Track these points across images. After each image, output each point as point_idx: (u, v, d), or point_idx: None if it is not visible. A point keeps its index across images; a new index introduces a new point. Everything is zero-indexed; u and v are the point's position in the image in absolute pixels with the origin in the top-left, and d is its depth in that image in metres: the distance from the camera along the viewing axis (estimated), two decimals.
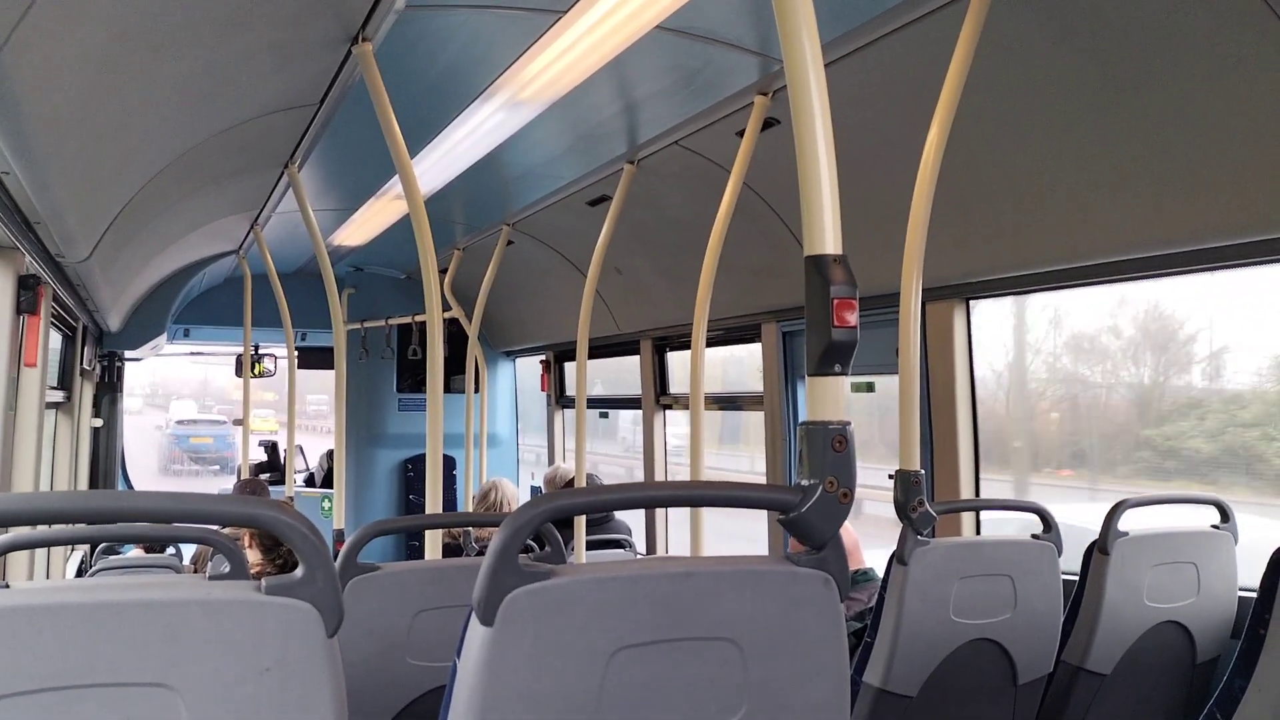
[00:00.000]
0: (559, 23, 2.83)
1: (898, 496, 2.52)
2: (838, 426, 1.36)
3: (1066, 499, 5.34)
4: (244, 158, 3.94)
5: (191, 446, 26.58)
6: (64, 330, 5.16)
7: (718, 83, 3.30)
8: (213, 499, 1.20)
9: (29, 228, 2.93)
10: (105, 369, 6.93)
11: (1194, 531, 2.77)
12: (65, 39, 1.92)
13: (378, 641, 2.16)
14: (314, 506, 7.88)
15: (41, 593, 1.09)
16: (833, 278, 1.36)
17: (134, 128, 2.76)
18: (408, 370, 8.27)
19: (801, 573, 1.36)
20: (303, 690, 1.14)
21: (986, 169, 3.10)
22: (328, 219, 5.70)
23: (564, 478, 5.81)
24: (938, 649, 2.51)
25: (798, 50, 1.40)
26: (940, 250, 3.04)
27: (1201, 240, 2.67)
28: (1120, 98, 2.61)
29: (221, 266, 6.96)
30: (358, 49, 2.81)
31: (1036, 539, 2.65)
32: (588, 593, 1.27)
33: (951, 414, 3.61)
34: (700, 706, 1.32)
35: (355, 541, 2.15)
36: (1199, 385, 4.76)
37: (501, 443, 8.26)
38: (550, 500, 1.31)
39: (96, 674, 1.07)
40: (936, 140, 2.58)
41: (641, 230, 4.90)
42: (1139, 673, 2.71)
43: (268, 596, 1.14)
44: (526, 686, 1.23)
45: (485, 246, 5.97)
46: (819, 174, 1.38)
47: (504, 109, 3.56)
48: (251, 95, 3.11)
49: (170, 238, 5.00)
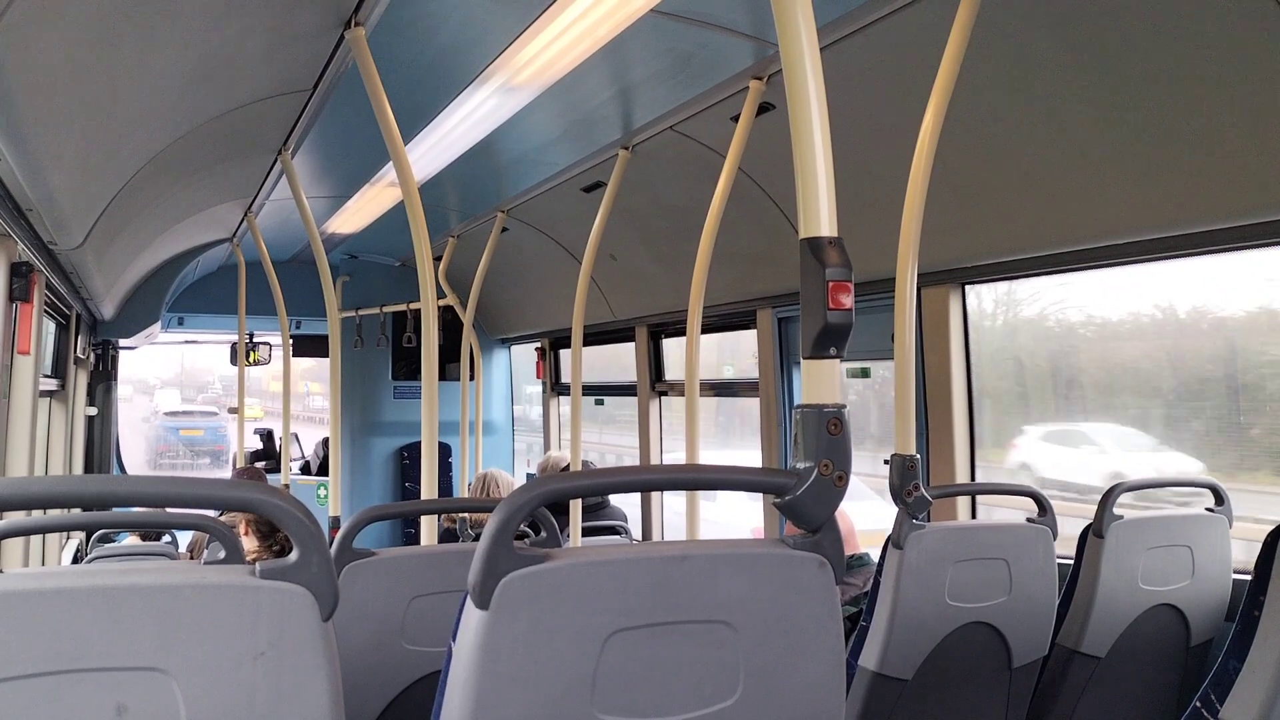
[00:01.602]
0: (553, 6, 2.82)
1: (893, 481, 2.53)
2: (833, 409, 1.36)
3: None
4: (237, 144, 3.92)
5: (182, 439, 25.23)
6: (58, 319, 5.14)
7: (713, 67, 3.29)
8: (207, 483, 1.19)
9: (21, 215, 2.91)
10: (99, 357, 6.92)
11: (1189, 515, 2.79)
12: (57, 24, 1.90)
13: (373, 627, 2.16)
14: (310, 494, 7.89)
15: (35, 577, 1.09)
16: (828, 260, 1.36)
17: (127, 114, 2.74)
18: (403, 358, 8.27)
19: (797, 555, 1.36)
20: (297, 674, 1.14)
21: (982, 153, 3.10)
22: (321, 206, 5.69)
23: (557, 465, 5.81)
24: (933, 633, 2.51)
25: (793, 34, 1.40)
26: (936, 235, 3.04)
27: (1199, 223, 2.67)
28: (1115, 81, 2.61)
29: (215, 254, 6.94)
30: (351, 34, 2.80)
31: (1032, 522, 2.66)
32: (583, 576, 1.27)
33: (947, 399, 3.62)
34: (695, 689, 1.32)
35: (351, 527, 2.15)
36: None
37: (497, 430, 8.26)
38: (545, 484, 1.31)
39: (90, 658, 1.07)
40: (932, 124, 2.58)
41: (637, 216, 4.89)
42: (1133, 656, 2.72)
43: (262, 581, 1.14)
44: (521, 670, 1.23)
45: (480, 233, 5.95)
46: (814, 157, 1.38)
47: (498, 94, 3.55)
48: (244, 81, 3.09)
49: (164, 225, 4.98)
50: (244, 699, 1.12)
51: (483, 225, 5.92)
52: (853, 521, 3.49)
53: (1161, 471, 3.77)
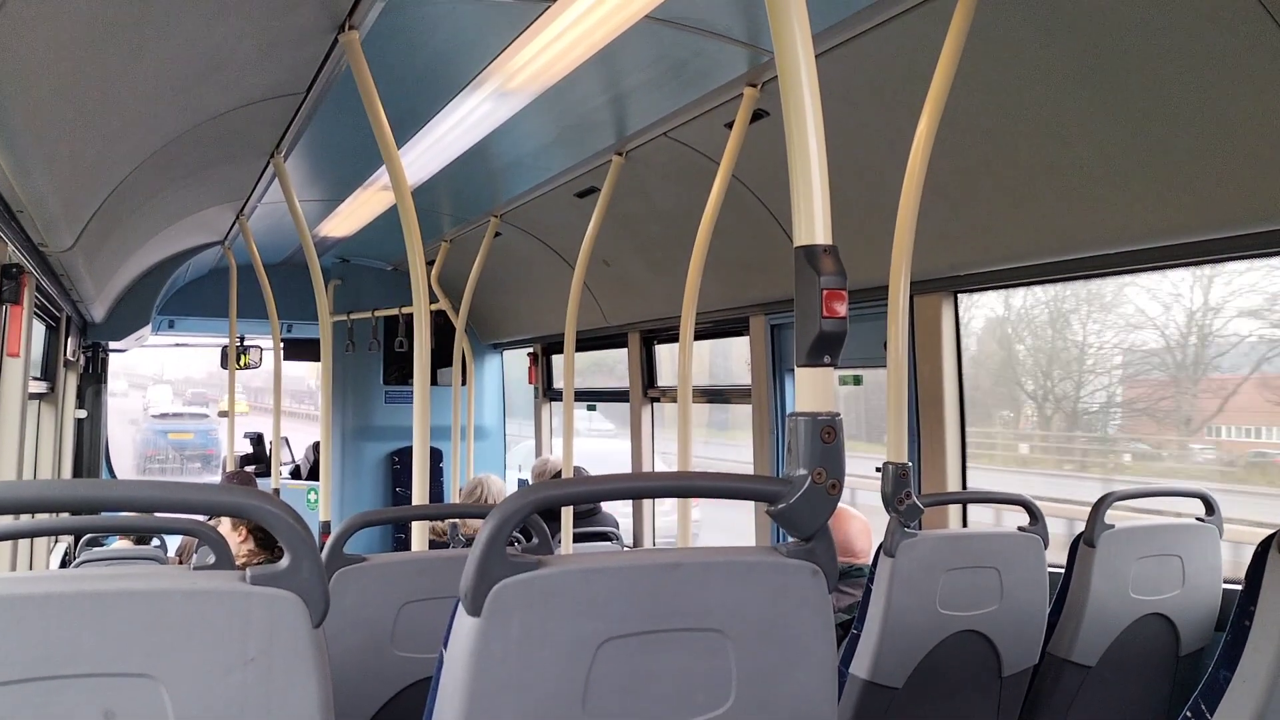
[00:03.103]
0: (547, 11, 2.82)
1: (885, 489, 2.53)
2: (826, 417, 1.36)
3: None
4: (229, 147, 3.91)
5: (171, 443, 23.81)
6: (47, 321, 5.12)
7: (707, 74, 3.29)
8: (197, 488, 1.18)
9: (11, 216, 2.90)
10: (89, 360, 6.88)
11: (1179, 524, 2.79)
12: (47, 25, 1.89)
13: (364, 633, 2.15)
14: (300, 499, 7.85)
15: (23, 582, 1.08)
16: (823, 268, 1.36)
17: (118, 116, 2.73)
18: (394, 362, 8.24)
19: (790, 563, 1.36)
20: (288, 680, 1.13)
21: (976, 162, 3.10)
22: (314, 210, 5.67)
23: (552, 470, 5.80)
24: (924, 641, 2.51)
25: (788, 41, 1.40)
26: (929, 243, 3.05)
27: (1192, 233, 2.68)
28: (1109, 91, 2.62)
29: (207, 257, 6.91)
30: (344, 37, 2.79)
31: (1023, 531, 2.66)
32: (575, 583, 1.26)
33: (939, 407, 3.62)
34: (687, 697, 1.31)
35: (341, 532, 2.14)
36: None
37: (489, 435, 8.25)
38: (537, 491, 1.31)
39: (79, 664, 1.06)
40: (926, 132, 2.58)
41: (630, 222, 4.88)
42: (1124, 665, 2.72)
43: (252, 586, 1.14)
44: (513, 677, 1.23)
45: (473, 238, 5.94)
46: (809, 164, 1.38)
47: (492, 99, 3.54)
48: (237, 84, 3.08)
49: (155, 227, 4.96)
50: (233, 705, 1.11)
51: (476, 230, 5.91)
52: (866, 521, 3.45)
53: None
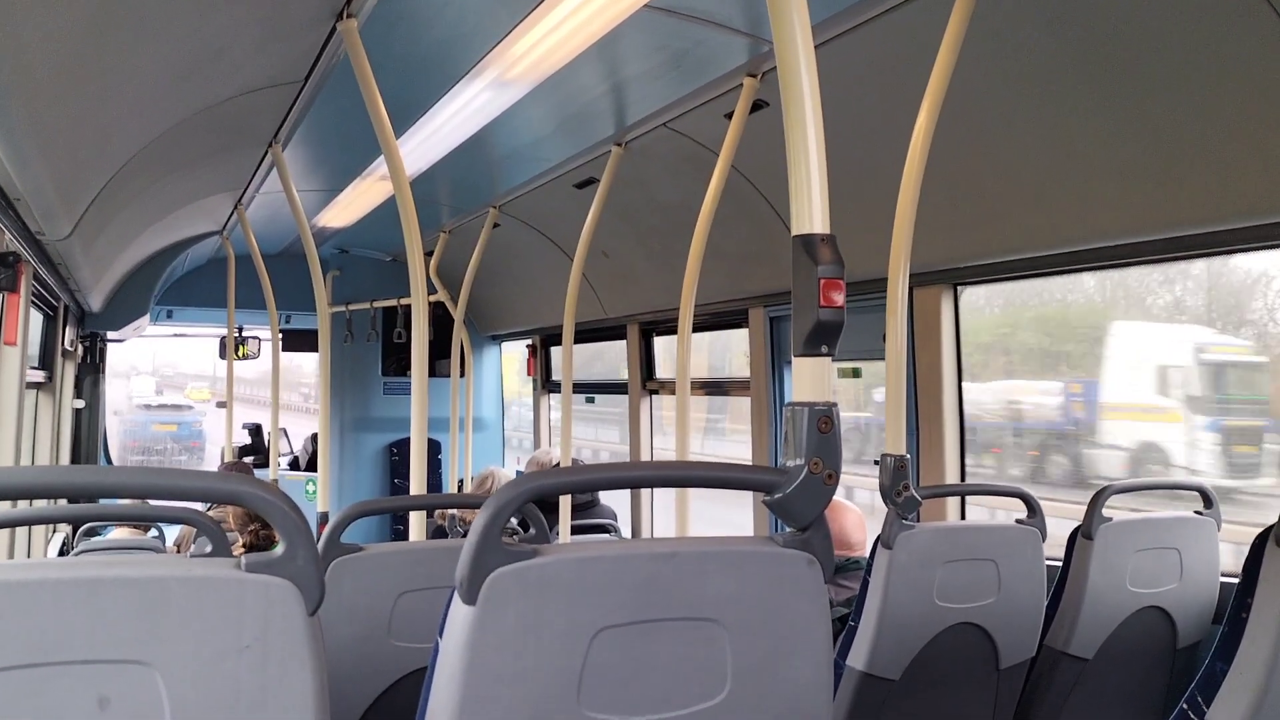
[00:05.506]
0: (547, 0, 2.81)
1: (883, 481, 2.52)
2: (823, 407, 1.36)
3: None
4: (227, 136, 3.90)
5: (153, 435, 22.92)
6: (45, 310, 5.12)
7: (707, 64, 3.28)
8: (194, 475, 1.18)
9: (8, 204, 2.89)
10: (87, 350, 6.87)
11: (1177, 517, 2.79)
12: (46, 13, 1.89)
13: (360, 622, 2.15)
14: (298, 489, 7.85)
15: (17, 568, 1.07)
16: (820, 257, 1.35)
17: (116, 104, 2.72)
18: (393, 354, 8.23)
19: (786, 553, 1.36)
20: (283, 668, 1.13)
21: (976, 153, 3.10)
22: (312, 200, 5.66)
23: (549, 462, 5.80)
24: (921, 633, 2.51)
25: (788, 31, 1.39)
26: (928, 235, 3.04)
27: (1193, 226, 2.68)
28: (1110, 82, 2.61)
29: (205, 247, 6.90)
30: (342, 25, 2.78)
31: (1021, 524, 2.66)
32: (571, 572, 1.26)
33: (938, 399, 3.62)
34: (683, 687, 1.31)
35: (338, 522, 2.14)
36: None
37: (487, 427, 8.24)
38: (533, 480, 1.30)
39: (73, 651, 1.06)
40: (926, 124, 2.57)
41: (629, 213, 4.88)
42: (1121, 658, 2.73)
43: (248, 574, 1.13)
44: (508, 666, 1.23)
45: (471, 229, 5.93)
46: (808, 154, 1.37)
47: (490, 89, 3.53)
48: (235, 72, 3.07)
49: (153, 217, 4.95)
50: (228, 692, 1.11)
51: (474, 221, 5.90)
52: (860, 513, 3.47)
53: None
